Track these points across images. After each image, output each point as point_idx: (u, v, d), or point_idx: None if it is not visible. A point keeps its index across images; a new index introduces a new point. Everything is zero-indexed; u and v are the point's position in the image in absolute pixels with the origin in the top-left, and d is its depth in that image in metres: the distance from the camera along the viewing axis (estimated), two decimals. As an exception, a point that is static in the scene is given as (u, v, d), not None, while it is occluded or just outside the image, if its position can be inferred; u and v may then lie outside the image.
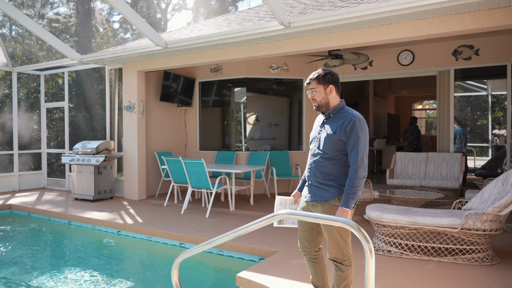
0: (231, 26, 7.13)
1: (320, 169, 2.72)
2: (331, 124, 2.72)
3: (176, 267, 2.55)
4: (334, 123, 2.70)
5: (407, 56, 7.77)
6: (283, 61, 8.49)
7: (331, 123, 2.72)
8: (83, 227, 6.27)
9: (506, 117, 7.05)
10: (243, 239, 4.74)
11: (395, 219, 4.04)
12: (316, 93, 2.74)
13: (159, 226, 5.58)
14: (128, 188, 7.99)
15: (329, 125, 2.73)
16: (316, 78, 2.75)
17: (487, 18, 4.59)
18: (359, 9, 4.92)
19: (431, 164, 7.16)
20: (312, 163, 2.78)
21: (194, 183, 6.51)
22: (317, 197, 2.73)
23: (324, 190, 2.71)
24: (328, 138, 2.68)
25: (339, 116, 2.71)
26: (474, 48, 7.15)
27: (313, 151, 2.79)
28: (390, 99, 14.82)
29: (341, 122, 2.66)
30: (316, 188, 2.75)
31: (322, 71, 2.76)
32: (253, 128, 8.91)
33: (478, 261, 3.90)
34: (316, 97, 2.75)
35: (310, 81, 2.78)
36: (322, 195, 2.71)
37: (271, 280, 3.52)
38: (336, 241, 2.66)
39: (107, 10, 21.66)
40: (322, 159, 2.71)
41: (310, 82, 2.78)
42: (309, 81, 2.79)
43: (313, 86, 2.75)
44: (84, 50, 17.47)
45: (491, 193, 4.24)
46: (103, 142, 7.84)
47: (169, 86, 8.38)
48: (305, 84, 2.83)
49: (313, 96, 2.76)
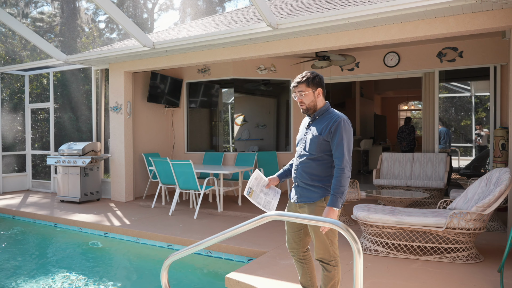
0: (218, 27, 7.13)
1: (306, 170, 2.73)
2: (317, 125, 2.74)
3: (166, 269, 2.55)
4: (319, 125, 2.72)
5: (393, 58, 7.87)
6: (270, 62, 8.52)
7: (317, 125, 2.74)
8: (69, 230, 6.19)
9: (489, 117, 7.20)
10: (232, 240, 4.74)
11: (382, 219, 4.09)
12: (305, 96, 2.72)
13: (147, 228, 5.55)
14: (115, 190, 7.91)
15: (315, 126, 2.74)
16: (305, 81, 2.71)
17: (470, 21, 4.68)
18: (346, 11, 4.97)
19: (417, 164, 7.26)
20: (298, 165, 2.79)
21: (182, 184, 6.49)
22: (304, 198, 2.75)
23: (310, 191, 2.72)
24: (314, 139, 2.70)
25: (324, 118, 2.73)
26: (458, 50, 7.28)
27: (299, 152, 2.80)
28: (376, 100, 14.97)
29: (326, 123, 2.69)
30: (302, 189, 2.76)
31: (310, 74, 2.73)
32: (241, 129, 8.92)
33: (462, 260, 3.97)
34: (305, 100, 2.73)
35: (298, 84, 2.73)
36: (308, 196, 2.73)
37: (260, 281, 3.53)
38: (323, 242, 2.69)
39: (92, 9, 21.42)
40: (308, 160, 2.72)
41: (297, 85, 2.73)
42: (296, 84, 2.74)
43: (301, 89, 2.72)
44: (70, 50, 17.24)
45: (475, 192, 4.33)
46: (89, 143, 7.76)
47: (156, 87, 8.33)
48: (292, 87, 2.78)
49: (301, 99, 2.73)
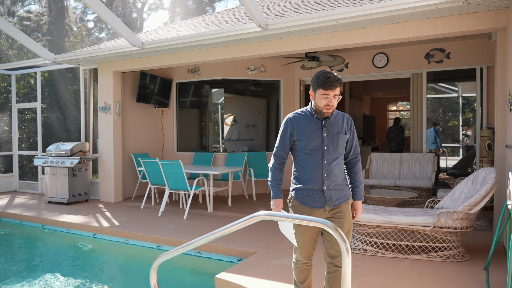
0: (208, 27, 7.12)
1: (338, 171, 2.64)
2: (335, 125, 2.64)
3: (155, 270, 2.54)
4: (337, 124, 2.65)
5: (381, 59, 7.94)
6: (260, 63, 8.53)
7: (335, 124, 2.64)
8: (57, 231, 6.13)
9: (475, 118, 7.31)
10: (222, 240, 4.74)
11: (371, 219, 4.13)
12: (337, 100, 2.56)
13: (136, 229, 5.51)
14: (104, 191, 7.85)
15: (333, 126, 2.63)
16: (342, 84, 2.54)
17: (457, 23, 4.75)
18: (335, 12, 5.00)
19: (405, 164, 7.34)
20: (327, 168, 2.60)
21: (172, 184, 6.46)
22: (341, 199, 2.65)
23: (342, 190, 2.67)
24: (343, 139, 2.64)
25: (336, 116, 2.67)
26: (445, 52, 7.37)
27: (326, 155, 2.59)
28: (366, 100, 15.08)
29: (344, 122, 2.66)
30: (336, 192, 2.63)
31: (336, 74, 2.57)
32: (231, 129, 8.91)
33: (449, 258, 4.03)
34: (335, 104, 2.57)
35: (336, 87, 2.51)
36: (344, 195, 2.67)
37: (250, 281, 3.54)
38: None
39: (81, 8, 21.21)
40: (339, 160, 2.65)
41: (335, 87, 2.51)
42: (333, 86, 2.50)
43: (338, 92, 2.54)
44: (57, 49, 17.05)
45: (462, 192, 4.39)
46: (77, 143, 7.68)
47: (145, 87, 8.29)
48: (325, 87, 2.50)
49: (334, 103, 2.55)
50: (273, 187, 2.72)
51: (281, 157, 2.72)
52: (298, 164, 2.69)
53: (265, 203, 7.31)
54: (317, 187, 2.62)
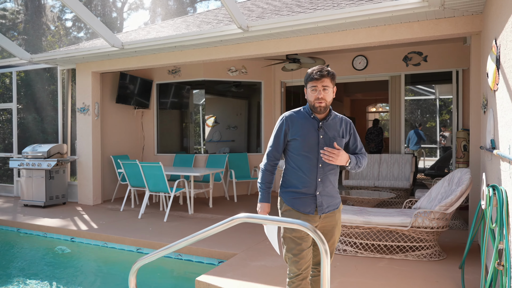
0: (189, 28, 7.08)
1: (332, 177, 2.53)
2: (333, 127, 2.52)
3: (134, 274, 2.51)
4: (336, 127, 2.53)
5: (361, 61, 8.05)
6: (241, 64, 8.53)
7: (333, 127, 2.52)
8: (33, 235, 5.98)
9: (452, 119, 7.49)
10: (202, 242, 4.72)
11: (350, 219, 4.18)
12: (328, 92, 2.44)
13: (116, 232, 5.44)
14: (82, 193, 7.71)
15: (331, 128, 2.51)
16: (331, 75, 2.43)
17: (434, 27, 4.86)
18: (315, 15, 5.05)
19: (384, 165, 7.45)
20: (324, 172, 2.49)
21: (152, 186, 6.40)
22: (331, 206, 2.55)
23: (335, 198, 2.58)
24: (339, 143, 2.50)
25: (335, 119, 2.55)
26: (423, 55, 7.53)
27: (321, 159, 2.45)
28: (346, 102, 15.26)
29: (343, 125, 2.56)
30: (328, 198, 2.52)
31: (330, 70, 2.46)
32: (212, 130, 8.88)
33: (426, 257, 4.11)
34: (327, 97, 2.44)
35: (322, 77, 2.41)
36: (335, 203, 2.57)
37: (230, 283, 3.53)
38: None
39: (58, 7, 20.78)
40: (334, 166, 2.52)
41: (322, 78, 2.40)
42: (319, 76, 2.40)
43: (327, 83, 2.42)
44: (34, 49, 16.66)
45: (438, 192, 4.49)
46: (55, 145, 7.52)
47: (125, 87, 8.18)
48: (311, 79, 2.43)
49: (324, 95, 2.42)
50: (261, 190, 2.59)
51: (274, 158, 2.58)
52: (291, 166, 2.54)
53: (246, 205, 7.32)
54: (309, 191, 2.49)
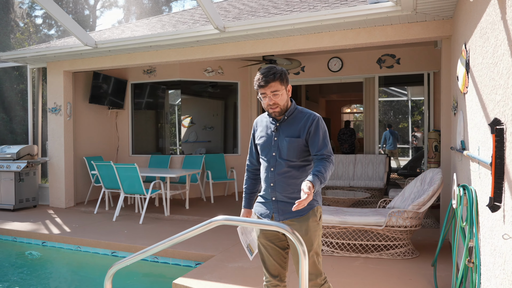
0: (165, 28, 7.00)
1: (290, 181, 2.30)
2: (289, 127, 2.32)
3: (109, 278, 2.46)
4: (293, 126, 2.31)
5: (336, 63, 8.17)
6: (218, 65, 8.50)
7: (289, 126, 2.32)
8: (2, 240, 5.77)
9: (423, 120, 7.70)
10: (179, 244, 4.67)
11: (326, 219, 4.23)
12: (281, 97, 2.25)
13: (89, 235, 5.32)
14: (54, 196, 7.50)
15: (287, 128, 2.32)
16: (278, 78, 2.21)
17: (406, 31, 4.99)
18: (291, 17, 5.09)
19: (359, 165, 7.59)
20: (275, 176, 2.32)
21: (127, 188, 6.29)
22: (288, 214, 2.29)
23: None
24: (292, 143, 2.28)
25: (296, 118, 2.33)
26: (396, 58, 7.71)
27: (272, 162, 2.32)
28: (321, 103, 15.45)
29: (302, 123, 2.30)
30: (284, 204, 2.31)
31: (279, 69, 2.25)
32: (188, 131, 8.81)
33: (400, 256, 4.21)
34: (280, 102, 2.25)
35: (269, 82, 2.20)
36: (296, 211, 2.28)
37: (208, 285, 3.52)
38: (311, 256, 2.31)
39: (28, 3, 20.15)
40: (289, 168, 2.30)
41: (268, 84, 2.20)
42: (264, 83, 2.20)
43: (276, 88, 2.22)
44: (2, 46, 16.09)
45: (411, 192, 4.61)
46: (25, 146, 7.29)
47: (99, 87, 8.01)
48: (258, 86, 2.23)
49: (276, 100, 2.24)
50: (243, 196, 2.58)
51: (250, 163, 2.54)
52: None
53: (223, 206, 7.29)
54: (268, 196, 2.37)
